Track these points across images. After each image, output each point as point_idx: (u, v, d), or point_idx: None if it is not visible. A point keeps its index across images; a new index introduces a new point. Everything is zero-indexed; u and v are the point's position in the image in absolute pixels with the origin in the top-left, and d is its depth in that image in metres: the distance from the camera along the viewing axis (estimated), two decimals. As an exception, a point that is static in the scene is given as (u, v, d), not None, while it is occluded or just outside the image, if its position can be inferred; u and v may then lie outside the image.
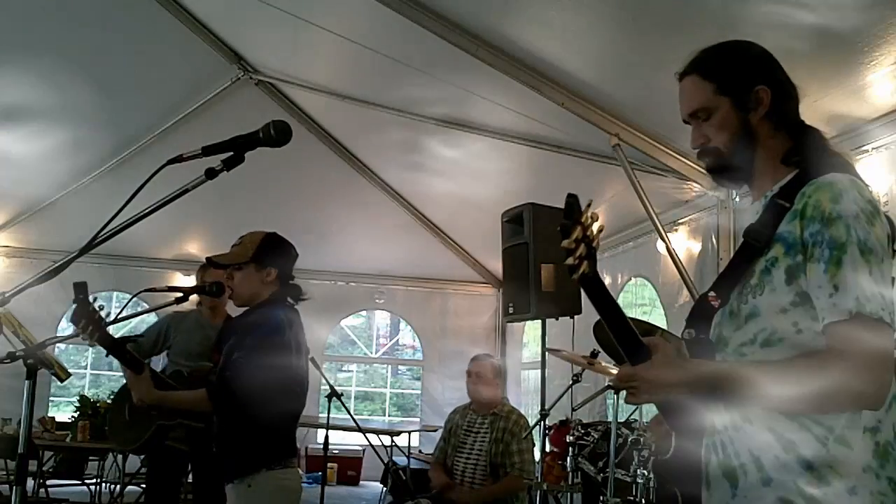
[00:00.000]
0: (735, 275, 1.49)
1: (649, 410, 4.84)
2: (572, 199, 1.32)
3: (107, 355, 3.85)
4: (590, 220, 1.33)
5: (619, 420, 4.13)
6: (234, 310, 4.11)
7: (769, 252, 1.43)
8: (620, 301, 6.46)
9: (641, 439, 3.78)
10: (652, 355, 1.40)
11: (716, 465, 1.45)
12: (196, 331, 4.10)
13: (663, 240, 5.08)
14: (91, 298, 2.49)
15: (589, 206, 1.34)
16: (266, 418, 2.52)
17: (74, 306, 2.46)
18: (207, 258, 2.78)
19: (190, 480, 4.18)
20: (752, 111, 1.52)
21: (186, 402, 2.62)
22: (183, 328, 4.17)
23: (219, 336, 4.11)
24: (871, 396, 1.30)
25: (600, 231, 1.35)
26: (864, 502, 1.31)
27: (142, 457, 5.28)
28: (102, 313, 2.52)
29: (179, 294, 3.33)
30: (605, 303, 1.42)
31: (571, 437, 4.35)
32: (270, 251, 2.75)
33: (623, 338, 1.43)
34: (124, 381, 4.14)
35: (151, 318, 4.98)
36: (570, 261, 1.31)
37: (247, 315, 2.74)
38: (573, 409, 4.69)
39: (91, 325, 2.49)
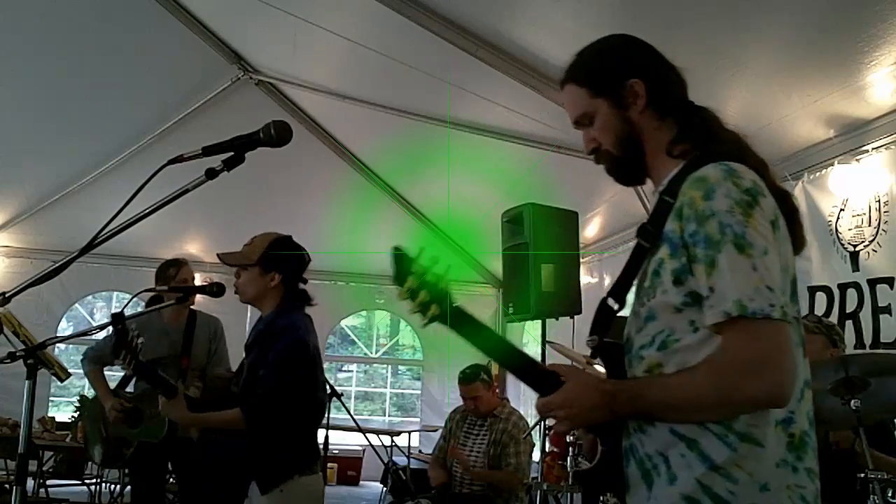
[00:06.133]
0: (629, 277, 1.45)
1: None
2: (397, 252, 1.30)
3: (137, 379, 3.86)
4: (424, 267, 1.29)
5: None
6: (199, 307, 4.09)
7: (657, 253, 1.37)
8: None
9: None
10: (561, 380, 1.37)
11: (634, 467, 1.40)
12: (162, 338, 3.96)
13: (663, 240, 5.07)
14: (129, 331, 2.53)
15: (421, 252, 1.31)
16: (294, 428, 2.64)
17: (115, 338, 2.51)
18: (218, 254, 2.81)
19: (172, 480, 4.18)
20: (630, 106, 1.47)
21: (221, 423, 2.66)
22: (148, 337, 4.09)
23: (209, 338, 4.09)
24: (766, 398, 1.24)
25: (448, 269, 1.31)
26: (778, 498, 1.25)
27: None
28: (139, 341, 2.56)
29: (179, 294, 3.34)
30: (481, 338, 1.36)
31: (571, 437, 4.34)
32: (276, 256, 2.76)
33: (519, 370, 1.39)
34: (94, 395, 4.12)
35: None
36: (413, 310, 1.28)
37: (268, 326, 2.77)
38: (573, 410, 4.69)
39: (129, 354, 2.54)
